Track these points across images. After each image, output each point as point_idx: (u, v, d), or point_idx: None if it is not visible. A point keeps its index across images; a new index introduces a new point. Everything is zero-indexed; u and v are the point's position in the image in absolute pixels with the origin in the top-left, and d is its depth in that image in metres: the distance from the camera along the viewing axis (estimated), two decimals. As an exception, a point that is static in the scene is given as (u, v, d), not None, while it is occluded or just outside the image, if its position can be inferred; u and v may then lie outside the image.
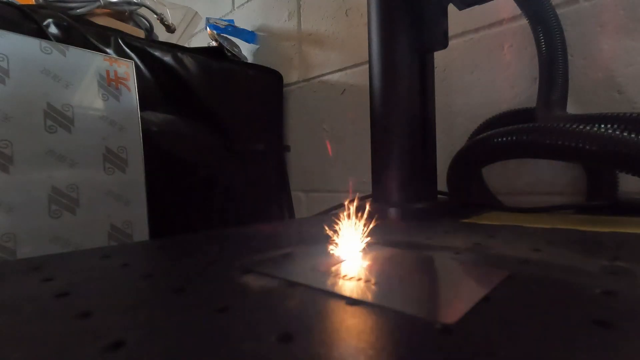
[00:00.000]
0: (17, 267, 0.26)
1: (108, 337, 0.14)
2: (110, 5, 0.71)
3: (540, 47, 0.52)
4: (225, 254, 0.28)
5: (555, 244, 0.29)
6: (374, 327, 0.15)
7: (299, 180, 0.95)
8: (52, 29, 0.57)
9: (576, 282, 0.19)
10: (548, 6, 0.51)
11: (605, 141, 0.36)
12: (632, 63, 0.50)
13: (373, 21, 0.48)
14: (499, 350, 0.13)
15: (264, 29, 1.03)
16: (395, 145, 0.47)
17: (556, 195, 0.56)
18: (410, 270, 0.23)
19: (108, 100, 0.52)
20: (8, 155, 0.43)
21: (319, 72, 0.89)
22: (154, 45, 0.71)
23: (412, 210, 0.45)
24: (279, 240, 0.35)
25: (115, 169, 0.52)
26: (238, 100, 0.84)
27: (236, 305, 0.17)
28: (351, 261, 0.25)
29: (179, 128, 0.71)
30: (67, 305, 0.18)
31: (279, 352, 0.13)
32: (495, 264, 0.24)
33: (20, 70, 0.45)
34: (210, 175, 0.76)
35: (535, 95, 0.53)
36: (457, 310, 0.16)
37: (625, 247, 0.27)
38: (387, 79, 0.47)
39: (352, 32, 0.82)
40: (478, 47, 0.64)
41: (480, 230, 0.36)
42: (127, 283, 0.22)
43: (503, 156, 0.47)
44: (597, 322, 0.14)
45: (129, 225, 0.53)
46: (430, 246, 0.29)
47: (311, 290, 0.19)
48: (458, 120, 0.66)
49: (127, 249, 0.33)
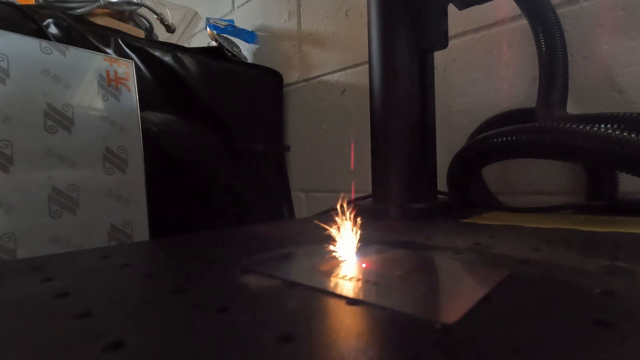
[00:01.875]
0: (17, 267, 0.26)
1: (108, 337, 0.14)
2: (110, 5, 0.71)
3: (540, 47, 0.52)
4: (225, 254, 0.28)
5: (555, 244, 0.29)
6: (374, 327, 0.15)
7: (299, 180, 0.95)
8: (52, 29, 0.57)
9: (576, 282, 0.19)
10: (548, 6, 0.51)
11: (605, 141, 0.36)
12: (632, 63, 0.50)
13: (373, 21, 0.48)
14: (499, 350, 0.13)
15: (264, 29, 1.03)
16: (395, 145, 0.47)
17: (556, 195, 0.56)
18: (410, 270, 0.23)
19: (108, 100, 0.52)
20: (8, 155, 0.43)
21: (319, 72, 0.89)
22: (154, 45, 0.71)
23: (412, 210, 0.45)
24: (279, 240, 0.35)
25: (115, 169, 0.52)
26: (238, 100, 0.84)
27: (236, 305, 0.17)
28: (351, 261, 0.25)
29: (179, 128, 0.71)
30: (67, 305, 0.18)
31: (279, 352, 0.13)
32: (495, 264, 0.24)
33: (20, 70, 0.45)
34: (210, 175, 0.76)
35: (535, 95, 0.53)
36: (457, 310, 0.16)
37: (625, 247, 0.27)
38: (387, 79, 0.47)
39: (352, 32, 0.82)
40: (478, 47, 0.64)
41: (480, 230, 0.36)
42: (127, 283, 0.22)
43: (503, 156, 0.47)
44: (597, 322, 0.14)
45: (129, 225, 0.53)
46: (430, 246, 0.29)
47: (311, 290, 0.19)
48: (458, 120, 0.66)
49: (127, 249, 0.33)
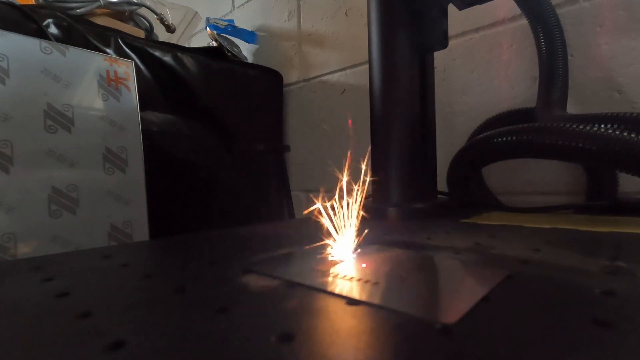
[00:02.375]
0: (17, 267, 0.26)
1: (108, 337, 0.14)
2: (110, 5, 0.71)
3: (540, 47, 0.52)
4: (225, 254, 0.28)
5: (555, 244, 0.29)
6: (374, 327, 0.15)
7: (299, 180, 0.95)
8: (52, 29, 0.57)
9: (576, 282, 0.19)
10: (548, 6, 0.51)
11: (605, 141, 0.36)
12: (632, 63, 0.50)
13: (373, 21, 0.48)
14: (499, 350, 0.13)
15: (264, 29, 1.03)
16: (395, 145, 0.47)
17: (556, 195, 0.56)
18: (410, 270, 0.23)
19: (108, 100, 0.52)
20: (8, 155, 0.43)
21: (319, 72, 0.89)
22: (154, 45, 0.71)
23: (412, 210, 0.45)
24: (278, 240, 0.35)
25: (115, 169, 0.52)
26: (238, 100, 0.84)
27: (236, 305, 0.17)
28: (351, 261, 0.25)
29: (179, 128, 0.71)
30: (67, 305, 0.18)
31: (279, 352, 0.13)
32: (495, 264, 0.24)
33: (20, 70, 0.45)
34: (210, 175, 0.76)
35: (535, 95, 0.53)
36: (457, 310, 0.16)
37: (625, 247, 0.27)
38: (387, 79, 0.47)
39: (352, 32, 0.82)
40: (478, 47, 0.64)
41: (480, 230, 0.36)
42: (127, 283, 0.22)
43: (503, 156, 0.47)
44: (597, 322, 0.14)
45: (129, 225, 0.53)
46: (430, 246, 0.29)
47: (311, 290, 0.19)
48: (458, 120, 0.66)
49: (127, 249, 0.33)
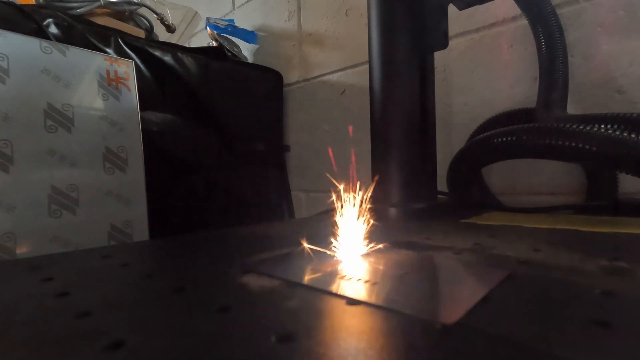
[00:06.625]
0: (17, 267, 0.26)
1: (108, 337, 0.14)
2: (111, 5, 0.71)
3: (540, 47, 0.52)
4: (225, 254, 0.28)
5: (555, 244, 0.29)
6: (373, 327, 0.15)
7: (299, 180, 0.95)
8: (52, 29, 0.57)
9: (576, 282, 0.19)
10: (548, 6, 0.51)
11: (605, 141, 0.36)
12: (632, 63, 0.50)
13: (373, 21, 0.48)
14: (499, 350, 0.13)
15: (264, 28, 1.03)
16: (395, 145, 0.47)
17: (556, 195, 0.56)
18: (410, 270, 0.23)
19: (108, 100, 0.52)
20: (8, 155, 0.43)
21: (319, 72, 0.89)
22: (154, 45, 0.71)
23: (412, 210, 0.45)
24: (278, 240, 0.35)
25: (115, 169, 0.52)
26: (238, 100, 0.84)
27: (236, 305, 0.17)
28: (351, 261, 0.25)
29: (179, 128, 0.71)
30: (67, 305, 0.18)
31: (279, 352, 0.13)
32: (495, 264, 0.24)
33: (20, 70, 0.45)
34: (210, 175, 0.76)
35: (535, 95, 0.53)
36: (457, 310, 0.16)
37: (625, 247, 0.27)
38: (387, 79, 0.47)
39: (352, 32, 0.82)
40: (478, 47, 0.64)
41: (480, 230, 0.36)
42: (127, 283, 0.22)
43: (503, 156, 0.47)
44: (597, 322, 0.14)
45: (129, 225, 0.53)
46: (430, 246, 0.29)
47: (311, 290, 0.19)
48: (458, 120, 0.66)
49: (127, 249, 0.33)
